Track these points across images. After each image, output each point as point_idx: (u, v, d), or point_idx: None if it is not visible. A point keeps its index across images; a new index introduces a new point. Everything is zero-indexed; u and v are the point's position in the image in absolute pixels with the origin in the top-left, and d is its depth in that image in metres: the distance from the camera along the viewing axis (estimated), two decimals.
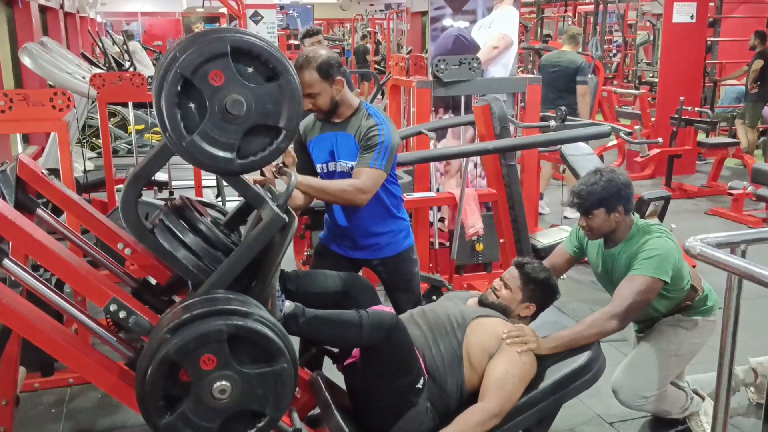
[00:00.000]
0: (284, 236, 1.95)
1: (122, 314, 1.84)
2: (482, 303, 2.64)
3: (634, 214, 2.77)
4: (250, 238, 1.91)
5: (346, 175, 2.71)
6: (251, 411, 1.77)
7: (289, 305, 2.25)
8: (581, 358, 2.46)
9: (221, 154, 1.76)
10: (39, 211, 2.28)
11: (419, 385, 2.31)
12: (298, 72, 2.60)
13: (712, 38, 9.21)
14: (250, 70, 1.76)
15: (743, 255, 1.98)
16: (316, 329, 2.29)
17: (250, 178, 2.04)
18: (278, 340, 1.75)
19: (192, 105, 1.74)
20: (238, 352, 1.72)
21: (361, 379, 2.40)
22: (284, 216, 1.90)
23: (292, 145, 2.55)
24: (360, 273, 2.93)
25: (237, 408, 1.73)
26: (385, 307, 2.51)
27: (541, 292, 2.63)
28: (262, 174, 2.42)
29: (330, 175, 2.77)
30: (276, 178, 2.42)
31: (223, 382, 1.70)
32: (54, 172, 3.04)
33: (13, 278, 1.95)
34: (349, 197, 2.59)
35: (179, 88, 1.70)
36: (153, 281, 2.31)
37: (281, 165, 2.41)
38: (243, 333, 1.71)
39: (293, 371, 1.78)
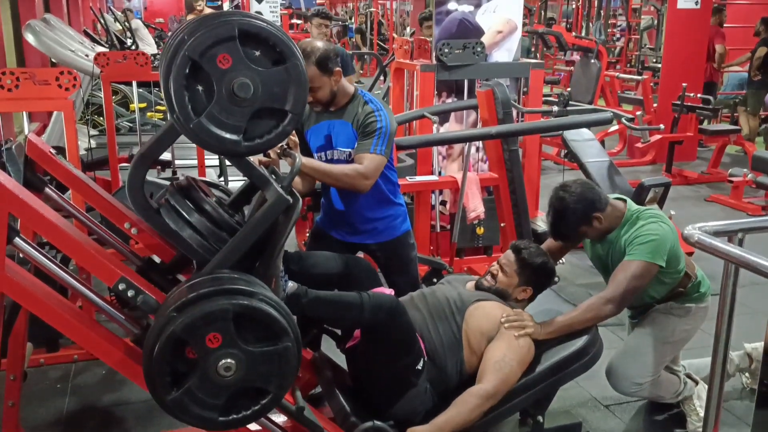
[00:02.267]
0: (288, 217, 1.98)
1: (130, 293, 1.87)
2: (479, 287, 2.67)
3: (626, 201, 2.79)
4: (254, 219, 1.94)
5: (344, 162, 2.74)
6: (256, 388, 1.80)
7: (292, 285, 2.29)
8: (579, 342, 2.50)
9: (228, 136, 1.78)
10: (46, 189, 2.31)
11: (419, 367, 2.36)
12: None
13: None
14: (258, 53, 1.77)
15: (741, 243, 2.01)
16: (319, 309, 2.33)
17: (255, 160, 2.06)
18: (282, 320, 1.78)
19: (200, 87, 1.75)
20: (243, 330, 1.75)
21: (362, 359, 2.44)
22: (288, 197, 1.92)
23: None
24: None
25: (242, 385, 1.77)
26: (386, 289, 2.55)
27: (538, 276, 2.66)
28: (266, 156, 2.44)
29: (328, 162, 2.79)
30: (280, 159, 2.44)
31: (228, 360, 1.73)
32: (59, 150, 3.06)
33: (21, 255, 1.98)
34: (351, 181, 2.62)
35: (187, 70, 1.72)
36: (157, 260, 2.34)
37: (285, 147, 2.43)
38: (248, 312, 1.74)
39: (297, 350, 1.82)
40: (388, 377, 2.37)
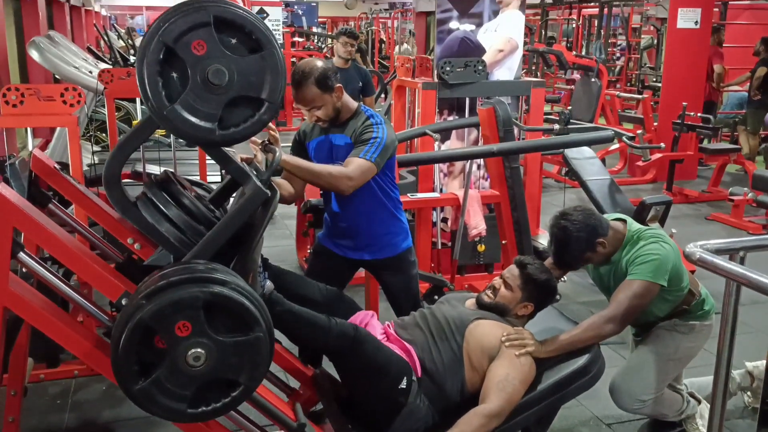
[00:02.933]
0: (266, 210, 1.95)
1: None
2: (480, 303, 2.66)
3: (626, 221, 2.79)
4: (232, 212, 1.92)
5: None
6: (226, 379, 1.76)
7: (270, 285, 2.28)
8: (581, 361, 2.49)
9: (202, 123, 1.75)
10: (50, 204, 2.32)
11: (402, 386, 2.34)
12: (298, 88, 2.63)
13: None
14: (234, 41, 1.75)
15: (742, 261, 2.02)
16: (289, 322, 2.32)
17: (237, 158, 2.05)
18: (254, 310, 1.74)
19: (174, 74, 1.73)
20: (213, 319, 1.71)
21: (345, 384, 2.46)
22: (267, 191, 1.90)
23: (275, 127, 2.56)
24: (360, 273, 2.95)
25: (212, 376, 1.73)
26: (368, 312, 2.57)
27: (540, 292, 2.66)
28: (250, 153, 2.42)
29: None
30: (263, 154, 2.42)
31: (198, 350, 1.69)
32: (63, 166, 3.07)
33: (24, 270, 1.99)
34: (334, 182, 2.55)
35: (161, 56, 1.70)
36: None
37: (267, 142, 2.41)
38: (219, 300, 1.70)
39: (269, 341, 1.78)
40: (373, 399, 2.38)
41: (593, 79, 8.43)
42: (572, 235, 2.65)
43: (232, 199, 2.34)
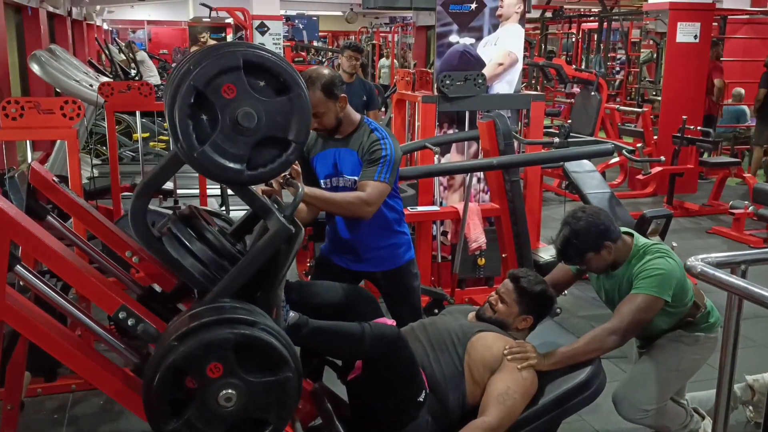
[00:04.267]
0: (290, 247, 1.97)
1: (131, 321, 1.86)
2: (480, 318, 2.65)
3: (632, 235, 2.79)
4: (256, 248, 1.93)
5: (350, 189, 2.74)
6: (255, 419, 1.78)
7: (293, 316, 2.27)
8: (582, 375, 2.47)
9: (231, 165, 1.78)
10: (48, 217, 2.31)
11: (420, 399, 2.33)
12: None
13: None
14: (262, 83, 1.79)
15: (744, 275, 2.01)
16: (319, 340, 2.31)
17: (257, 189, 2.07)
18: (283, 350, 1.77)
19: (204, 116, 1.76)
20: (243, 360, 1.74)
21: (363, 391, 2.42)
22: (290, 227, 1.93)
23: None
24: (362, 285, 2.96)
25: (242, 416, 1.75)
26: (388, 320, 2.54)
27: (538, 304, 2.64)
28: (269, 185, 2.45)
29: (334, 189, 2.80)
30: (283, 189, 2.45)
31: (229, 390, 1.72)
32: (62, 179, 3.07)
33: (22, 283, 1.97)
34: (354, 209, 2.62)
35: (192, 99, 1.73)
36: (158, 289, 2.33)
37: (288, 177, 2.44)
38: (249, 342, 1.73)
39: (297, 381, 1.80)
40: (389, 409, 2.34)
41: (593, 93, 8.45)
42: (582, 228, 2.63)
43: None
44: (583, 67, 12.28)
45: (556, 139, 4.84)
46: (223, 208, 5.69)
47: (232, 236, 2.22)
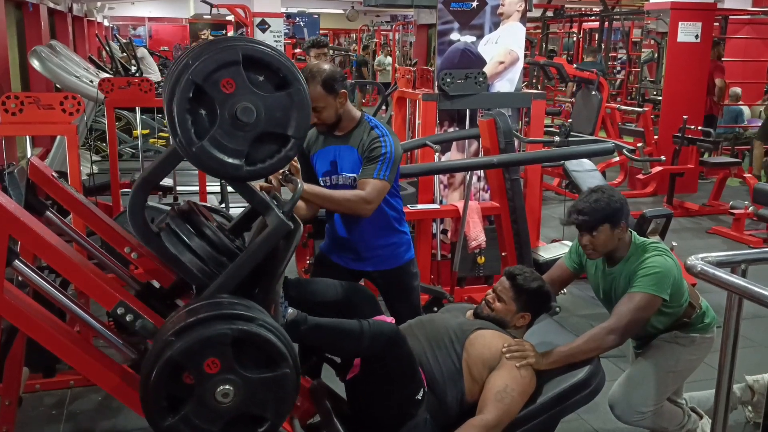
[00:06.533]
0: (289, 243, 1.97)
1: (129, 317, 1.86)
2: (478, 316, 2.65)
3: (631, 232, 2.79)
4: (255, 244, 1.93)
5: (349, 187, 2.73)
6: (253, 415, 1.78)
7: (291, 312, 2.27)
8: (581, 374, 2.47)
9: (230, 160, 1.78)
10: (47, 213, 2.30)
11: (419, 397, 2.33)
12: None
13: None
14: (261, 78, 1.78)
15: (744, 274, 2.01)
16: (318, 337, 2.31)
17: (256, 185, 2.06)
18: (281, 346, 1.77)
19: (203, 111, 1.76)
20: (241, 356, 1.74)
21: (362, 389, 2.42)
22: (289, 223, 1.92)
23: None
24: (361, 283, 2.95)
25: (239, 411, 1.75)
26: (387, 318, 2.53)
27: (535, 301, 2.64)
28: (268, 181, 2.44)
29: (333, 187, 2.79)
30: (282, 185, 2.44)
31: (226, 386, 1.72)
32: (61, 174, 3.06)
33: (20, 278, 1.97)
34: (353, 207, 2.61)
35: (191, 94, 1.73)
36: (156, 284, 2.33)
37: (287, 173, 2.43)
38: (247, 337, 1.73)
39: (295, 377, 1.80)
40: (388, 407, 2.33)
41: (594, 92, 8.44)
42: (607, 200, 2.64)
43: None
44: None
45: (557, 138, 4.83)
46: (223, 205, 5.69)
47: (230, 232, 2.22)
